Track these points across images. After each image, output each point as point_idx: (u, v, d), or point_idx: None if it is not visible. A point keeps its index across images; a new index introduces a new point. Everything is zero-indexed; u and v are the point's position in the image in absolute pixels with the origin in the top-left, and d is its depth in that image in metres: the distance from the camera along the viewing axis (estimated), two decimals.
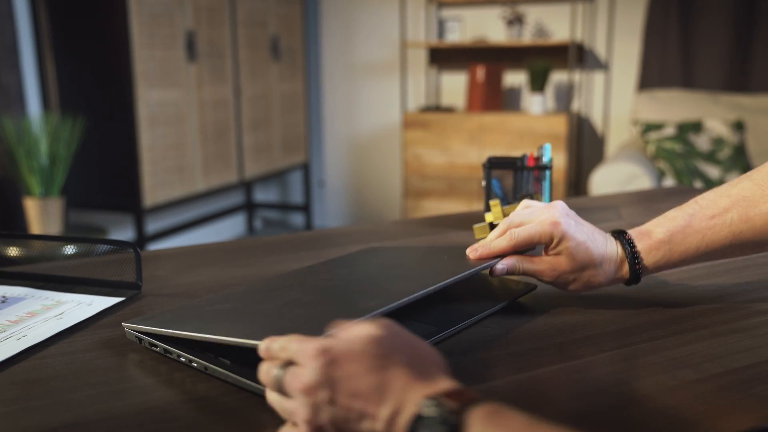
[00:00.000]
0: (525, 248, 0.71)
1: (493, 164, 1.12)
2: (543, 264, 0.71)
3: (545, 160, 1.11)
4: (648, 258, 0.71)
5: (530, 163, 1.11)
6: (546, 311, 0.74)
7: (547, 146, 1.12)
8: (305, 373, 0.46)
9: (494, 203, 0.97)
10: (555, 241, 0.69)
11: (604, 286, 0.72)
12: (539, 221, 0.70)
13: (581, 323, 0.70)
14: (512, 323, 0.71)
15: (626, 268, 0.71)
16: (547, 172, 1.10)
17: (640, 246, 0.71)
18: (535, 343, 0.65)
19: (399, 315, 0.69)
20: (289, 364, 0.49)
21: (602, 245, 0.70)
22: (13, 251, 0.94)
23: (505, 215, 0.96)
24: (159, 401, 0.55)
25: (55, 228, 3.00)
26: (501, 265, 0.71)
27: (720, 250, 0.70)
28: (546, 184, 1.10)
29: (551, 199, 1.14)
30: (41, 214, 2.96)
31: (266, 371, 0.50)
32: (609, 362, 0.61)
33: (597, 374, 0.59)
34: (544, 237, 0.69)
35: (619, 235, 0.72)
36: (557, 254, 0.70)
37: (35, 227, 2.97)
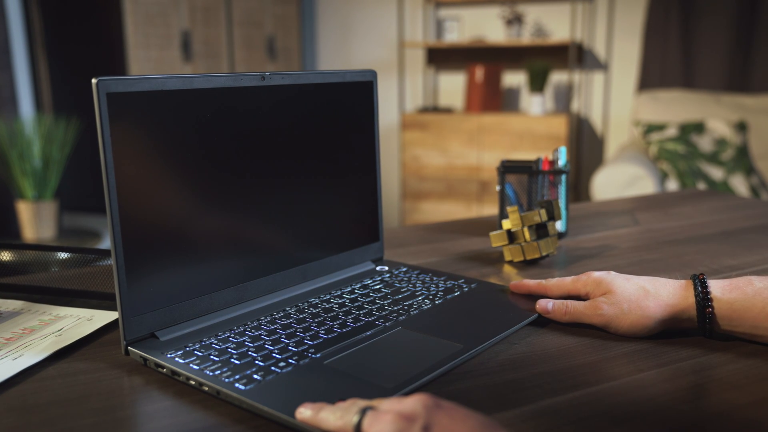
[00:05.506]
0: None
1: (507, 168, 1.08)
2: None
3: (560, 164, 1.07)
4: (723, 295, 0.64)
5: (545, 167, 1.07)
6: (573, 325, 0.70)
7: (563, 149, 1.08)
8: (408, 402, 0.44)
9: (512, 210, 0.93)
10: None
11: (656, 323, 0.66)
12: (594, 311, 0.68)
13: (612, 339, 0.66)
14: (540, 339, 0.67)
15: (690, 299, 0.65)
16: (563, 177, 1.06)
17: (714, 284, 0.65)
18: (568, 362, 0.61)
19: (422, 333, 0.65)
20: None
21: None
22: (5, 256, 0.89)
23: (523, 223, 0.92)
24: (167, 430, 0.51)
25: (48, 232, 2.95)
26: (550, 304, 0.71)
27: None
28: (562, 189, 1.06)
29: (568, 205, 1.10)
30: (34, 218, 2.91)
31: (340, 415, 0.47)
32: (650, 383, 0.57)
33: (640, 397, 0.55)
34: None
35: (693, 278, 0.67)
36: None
37: (28, 231, 2.91)
